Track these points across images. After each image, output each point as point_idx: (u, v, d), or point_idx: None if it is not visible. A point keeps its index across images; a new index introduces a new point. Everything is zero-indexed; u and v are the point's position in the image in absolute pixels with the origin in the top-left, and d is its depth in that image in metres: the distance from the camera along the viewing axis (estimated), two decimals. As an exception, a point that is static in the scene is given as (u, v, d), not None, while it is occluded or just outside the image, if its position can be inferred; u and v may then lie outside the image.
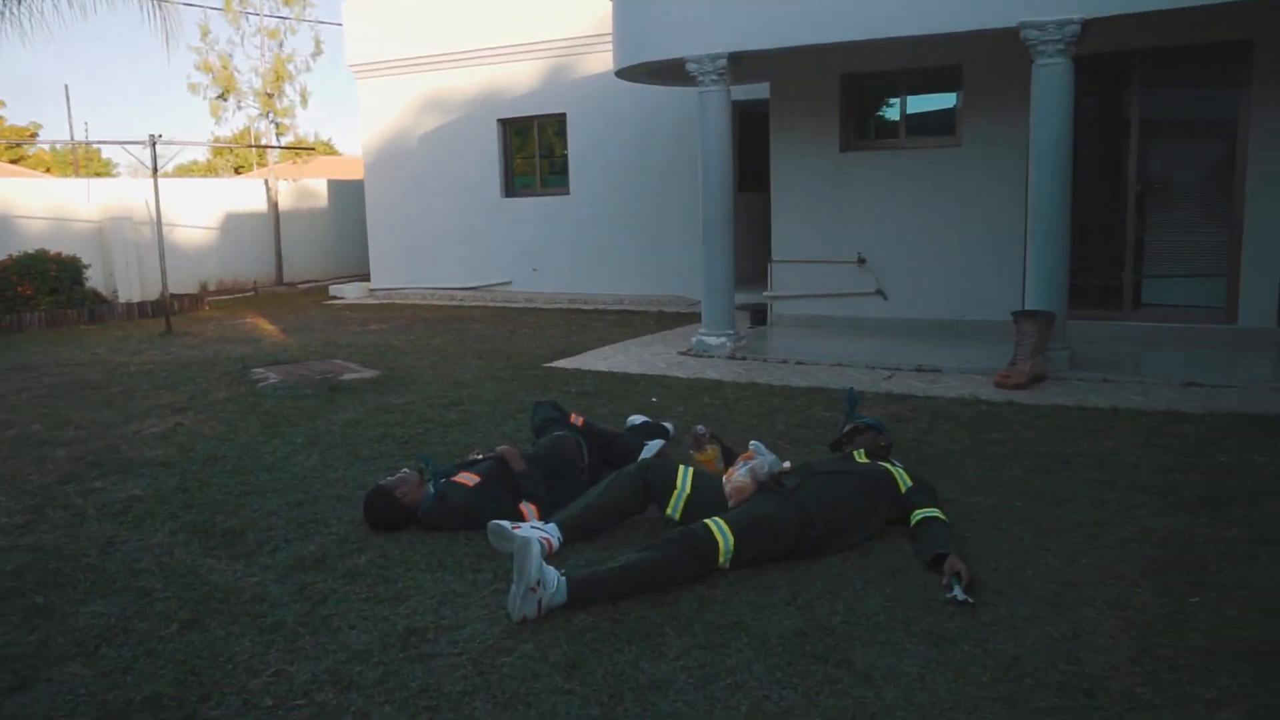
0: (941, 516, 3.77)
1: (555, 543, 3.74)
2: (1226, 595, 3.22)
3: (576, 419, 4.99)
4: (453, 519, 4.01)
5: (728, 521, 3.50)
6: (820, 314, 9.59)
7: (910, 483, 3.94)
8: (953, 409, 6.06)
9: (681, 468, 3.99)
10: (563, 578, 3.20)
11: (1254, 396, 6.12)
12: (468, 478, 4.14)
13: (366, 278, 15.24)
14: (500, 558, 3.69)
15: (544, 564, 3.16)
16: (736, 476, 3.73)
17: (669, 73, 8.80)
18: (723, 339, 8.29)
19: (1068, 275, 7.06)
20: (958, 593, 3.21)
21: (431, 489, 4.10)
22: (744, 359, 8.06)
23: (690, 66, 7.98)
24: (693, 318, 10.73)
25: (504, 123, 13.31)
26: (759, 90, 10.43)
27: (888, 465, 4.02)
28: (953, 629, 3.02)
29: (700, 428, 4.19)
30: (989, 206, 8.73)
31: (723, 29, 7.81)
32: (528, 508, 4.07)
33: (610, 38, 11.79)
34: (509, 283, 13.34)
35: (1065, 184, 6.91)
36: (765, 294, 9.93)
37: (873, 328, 9.25)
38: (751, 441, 3.93)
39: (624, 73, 8.85)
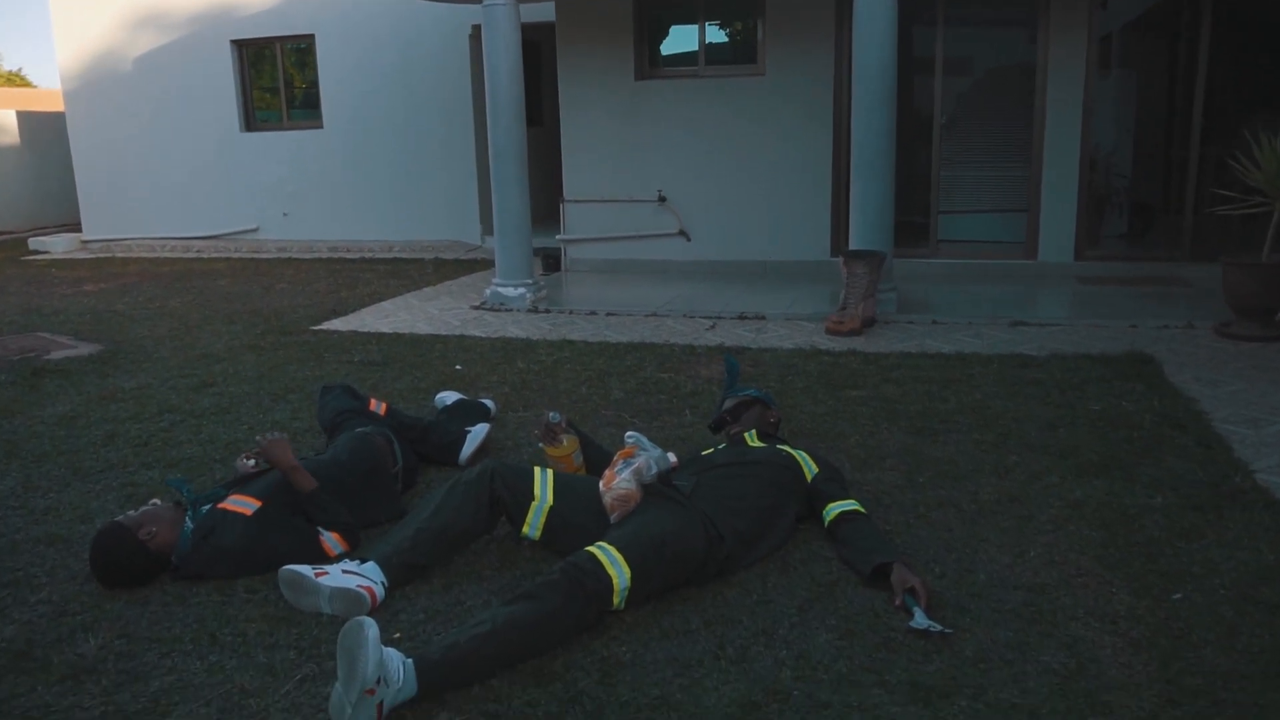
0: (861, 509, 3.10)
1: (379, 591, 2.74)
2: (1204, 587, 2.75)
3: (378, 406, 3.93)
4: (224, 564, 2.89)
5: (619, 547, 2.63)
6: (619, 258, 8.82)
7: (816, 469, 3.24)
8: (796, 362, 5.47)
9: (538, 472, 3.07)
10: (408, 662, 2.22)
11: (1082, 335, 5.97)
12: (242, 503, 3.01)
13: (77, 227, 12.86)
14: (303, 621, 2.64)
15: (384, 651, 2.17)
16: (619, 482, 2.86)
17: (444, -17, 7.58)
18: (521, 290, 7.33)
19: (893, 211, 6.64)
20: (922, 620, 2.53)
21: (189, 524, 2.95)
22: (547, 311, 7.15)
23: (473, -26, 6.83)
24: (475, 265, 9.67)
25: (239, 45, 11.43)
26: (535, 11, 9.36)
27: (787, 449, 3.30)
28: (935, 674, 2.34)
29: (554, 414, 3.27)
30: (795, 140, 8.23)
31: (510, -70, 6.71)
32: (329, 538, 3.02)
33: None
34: (255, 230, 11.59)
35: (890, 114, 6.45)
36: (559, 237, 9.02)
37: (677, 272, 8.60)
38: (629, 433, 3.06)
39: (390, -19, 7.53)
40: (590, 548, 2.62)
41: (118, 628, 2.64)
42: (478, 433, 3.97)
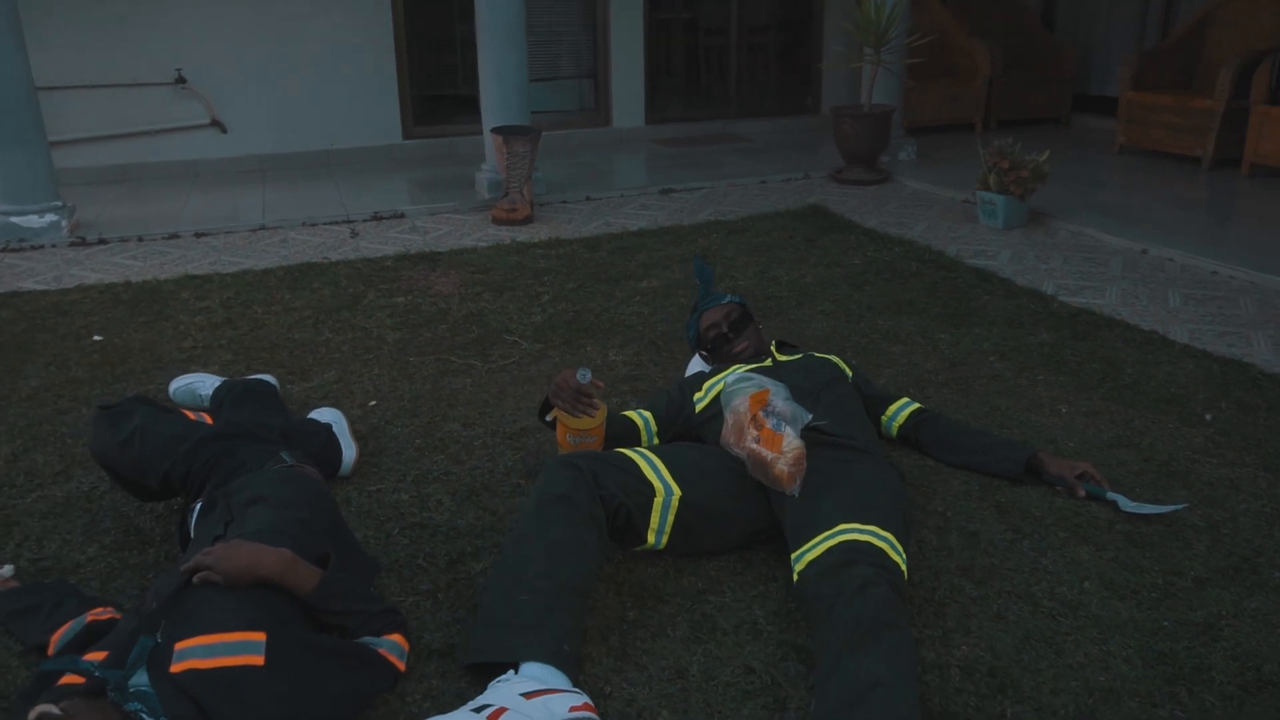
0: (922, 405, 2.79)
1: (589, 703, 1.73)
2: (1190, 404, 3.01)
3: (199, 417, 2.46)
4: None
5: (879, 525, 1.99)
6: (129, 161, 6.75)
7: (850, 371, 2.82)
8: (514, 259, 4.75)
9: (637, 456, 2.19)
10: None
11: (733, 195, 6.12)
12: (227, 647, 1.64)
13: None
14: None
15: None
16: (789, 441, 2.15)
17: None
18: (51, 216, 5.22)
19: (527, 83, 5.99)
20: (1130, 503, 2.38)
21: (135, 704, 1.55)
22: (102, 242, 5.21)
23: None
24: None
25: None
26: None
27: (822, 355, 2.80)
28: (1203, 559, 2.21)
29: (583, 371, 2.31)
30: (349, 4, 6.94)
31: None
32: (390, 646, 1.83)
33: None
34: None
35: (517, -31, 5.71)
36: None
37: (213, 172, 6.88)
38: (737, 372, 2.31)
39: None
40: (865, 537, 1.94)
41: None
42: (340, 426, 2.72)
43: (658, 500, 2.12)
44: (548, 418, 2.43)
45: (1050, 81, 8.10)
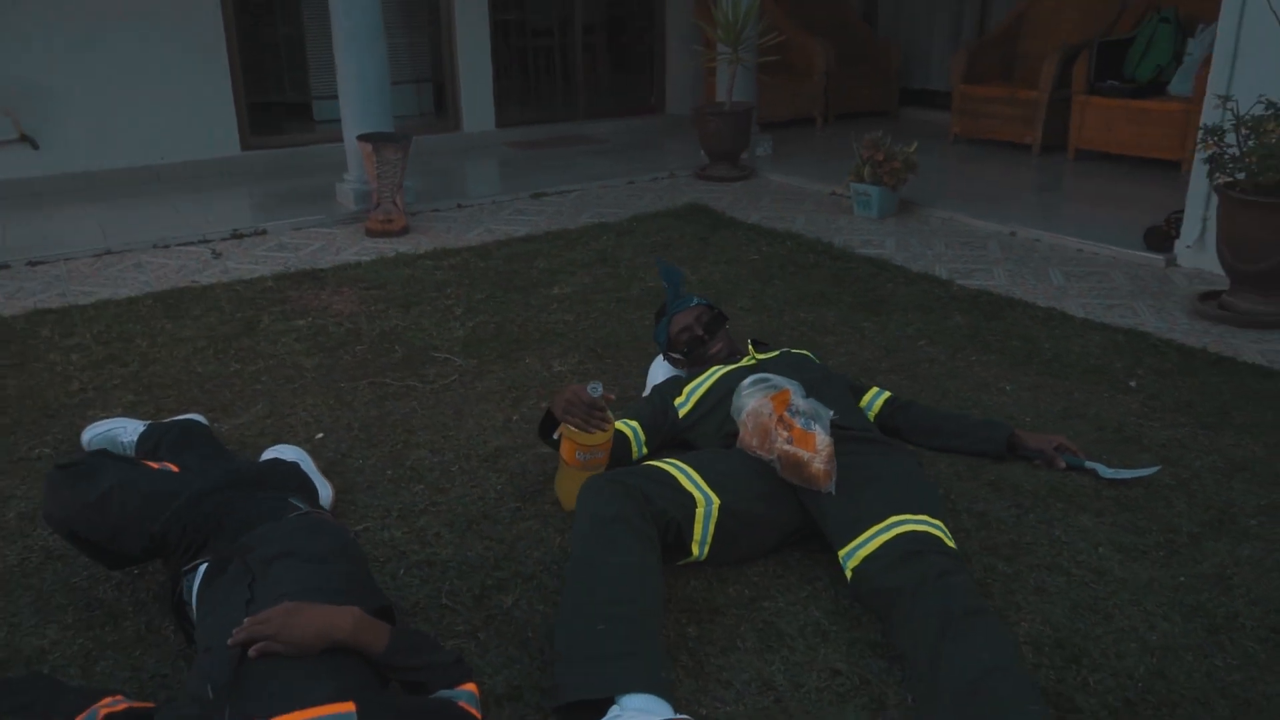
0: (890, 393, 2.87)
1: (694, 725, 1.67)
2: (1110, 373, 3.25)
3: (163, 467, 2.19)
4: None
5: (930, 514, 2.03)
6: (-80, 185, 5.97)
7: (819, 362, 2.86)
8: (405, 273, 4.54)
9: (670, 468, 2.14)
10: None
11: (607, 196, 6.10)
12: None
13: None
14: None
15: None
16: (821, 440, 2.14)
17: None
18: None
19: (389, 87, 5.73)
20: (1108, 470, 2.53)
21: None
22: (-88, 279, 4.58)
23: None
24: None
25: None
26: None
27: (801, 352, 2.81)
28: (1192, 514, 2.38)
29: (594, 385, 2.21)
30: (175, 4, 6.41)
31: None
32: (465, 696, 1.70)
33: None
34: None
35: (374, -32, 5.45)
36: None
37: (31, 193, 6.17)
38: (753, 378, 2.28)
39: None
40: (922, 527, 1.96)
41: None
42: (307, 464, 2.50)
43: (699, 511, 2.07)
44: (555, 434, 2.33)
45: (878, 77, 8.54)
